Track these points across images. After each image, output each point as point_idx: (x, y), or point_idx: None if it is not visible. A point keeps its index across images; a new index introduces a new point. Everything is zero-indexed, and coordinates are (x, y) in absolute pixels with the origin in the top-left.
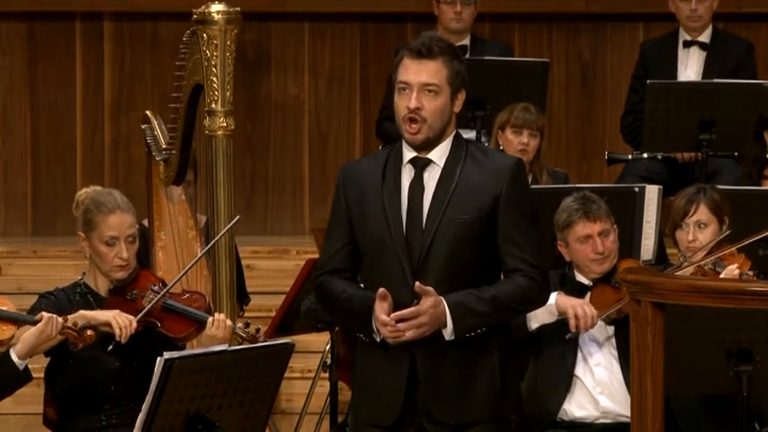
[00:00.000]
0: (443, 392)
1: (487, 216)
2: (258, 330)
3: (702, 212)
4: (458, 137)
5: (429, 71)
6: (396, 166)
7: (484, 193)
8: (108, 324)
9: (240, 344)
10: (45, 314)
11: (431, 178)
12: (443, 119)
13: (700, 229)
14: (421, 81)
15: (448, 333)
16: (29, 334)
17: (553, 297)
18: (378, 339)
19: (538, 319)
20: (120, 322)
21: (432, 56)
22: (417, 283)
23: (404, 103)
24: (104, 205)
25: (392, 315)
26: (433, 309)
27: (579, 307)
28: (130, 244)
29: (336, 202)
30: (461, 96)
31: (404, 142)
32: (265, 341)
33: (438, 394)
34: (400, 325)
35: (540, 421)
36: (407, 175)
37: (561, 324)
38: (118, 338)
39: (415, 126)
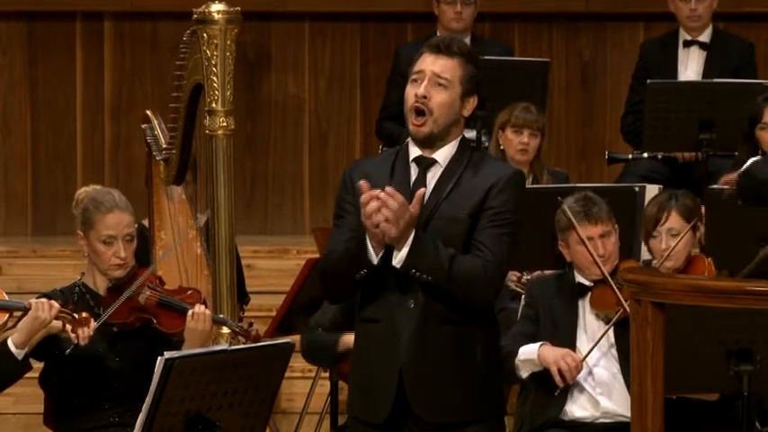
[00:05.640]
0: (427, 389)
1: (474, 215)
2: (251, 324)
3: (674, 220)
4: (464, 142)
5: (444, 65)
6: (403, 163)
7: (475, 195)
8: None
9: (235, 339)
10: (33, 300)
11: (433, 177)
12: (450, 116)
13: (673, 237)
14: (434, 70)
15: (398, 259)
16: (23, 322)
17: (536, 349)
18: (375, 261)
19: (526, 368)
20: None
21: (449, 53)
22: (422, 189)
23: (413, 91)
24: (102, 204)
25: (388, 189)
26: (412, 219)
27: (562, 360)
28: (128, 243)
29: (343, 192)
30: (472, 101)
31: (410, 140)
32: (264, 339)
33: (422, 391)
34: (383, 211)
35: (540, 424)
36: (414, 173)
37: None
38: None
39: (420, 119)
